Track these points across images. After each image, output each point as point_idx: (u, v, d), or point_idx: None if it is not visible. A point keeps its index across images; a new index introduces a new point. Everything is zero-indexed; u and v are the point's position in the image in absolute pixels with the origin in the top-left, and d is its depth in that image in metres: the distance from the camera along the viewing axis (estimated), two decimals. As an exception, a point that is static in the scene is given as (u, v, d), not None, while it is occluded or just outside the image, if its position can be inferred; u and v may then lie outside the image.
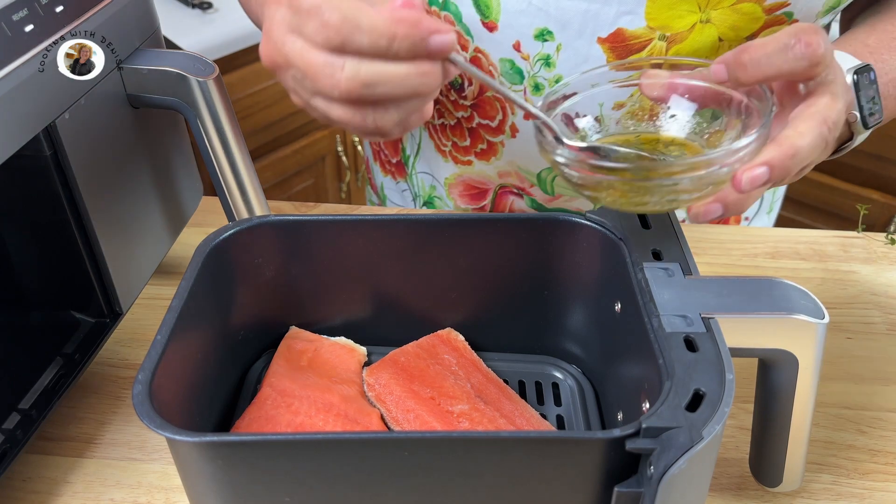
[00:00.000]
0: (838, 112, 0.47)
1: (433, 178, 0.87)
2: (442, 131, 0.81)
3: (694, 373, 0.44)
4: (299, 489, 0.44)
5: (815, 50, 0.44)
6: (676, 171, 0.44)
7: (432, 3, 0.72)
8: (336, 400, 0.56)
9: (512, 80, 0.72)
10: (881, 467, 0.59)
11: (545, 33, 0.68)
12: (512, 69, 0.71)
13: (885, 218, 1.67)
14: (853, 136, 0.61)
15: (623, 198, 0.46)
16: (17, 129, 0.50)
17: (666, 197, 0.46)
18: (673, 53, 0.68)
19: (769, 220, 0.93)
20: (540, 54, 0.69)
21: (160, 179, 0.67)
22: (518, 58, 0.70)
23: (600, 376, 0.60)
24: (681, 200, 0.46)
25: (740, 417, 0.61)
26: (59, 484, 0.57)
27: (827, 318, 0.47)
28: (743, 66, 0.46)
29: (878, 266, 0.78)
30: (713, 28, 0.67)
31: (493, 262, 0.60)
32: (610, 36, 0.67)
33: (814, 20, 0.69)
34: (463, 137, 0.78)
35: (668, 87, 0.51)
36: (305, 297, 0.62)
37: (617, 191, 0.46)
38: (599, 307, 0.57)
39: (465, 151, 0.80)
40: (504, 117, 0.74)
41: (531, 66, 0.70)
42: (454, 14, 0.71)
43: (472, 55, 0.72)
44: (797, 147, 0.45)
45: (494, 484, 0.44)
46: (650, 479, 0.41)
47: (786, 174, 0.45)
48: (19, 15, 0.50)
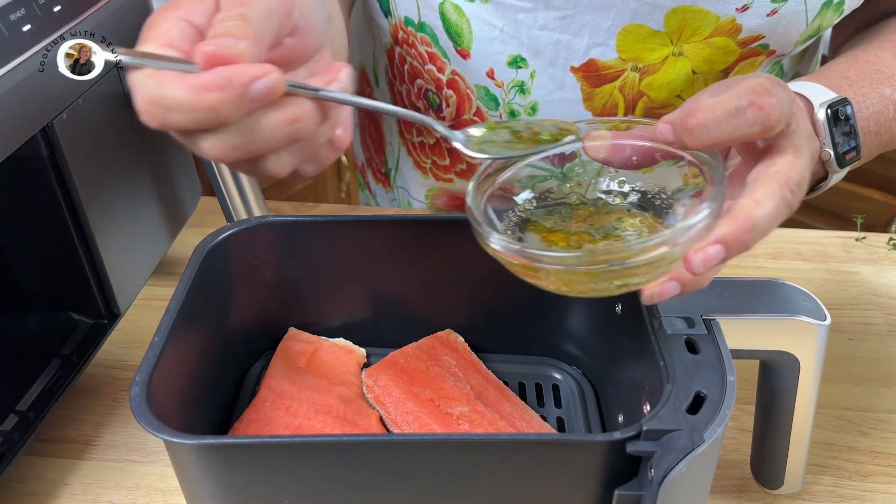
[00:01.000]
0: (801, 170, 0.42)
1: (409, 194, 0.86)
2: (421, 149, 0.80)
3: (695, 375, 0.43)
4: (298, 491, 0.44)
5: (767, 114, 0.40)
6: (624, 256, 0.40)
7: (408, 23, 0.71)
8: (335, 402, 0.56)
9: (488, 105, 0.71)
10: (883, 469, 0.59)
11: (518, 60, 0.67)
12: (487, 95, 0.70)
13: (886, 218, 1.66)
14: (828, 175, 0.57)
15: (566, 287, 0.42)
16: (14, 130, 0.50)
17: (614, 282, 0.41)
18: (646, 84, 0.67)
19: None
20: (514, 81, 0.68)
21: (158, 180, 0.66)
22: (492, 85, 0.70)
23: (601, 378, 0.60)
24: (631, 284, 0.42)
25: (741, 419, 0.61)
26: (56, 486, 0.57)
27: (828, 319, 0.47)
28: (690, 132, 0.41)
29: (880, 267, 0.78)
30: (686, 61, 0.66)
31: (493, 262, 0.59)
32: (582, 66, 0.66)
33: (791, 49, 0.68)
34: (442, 157, 0.78)
35: (612, 148, 0.47)
36: (304, 298, 0.62)
37: (559, 279, 0.42)
38: (600, 308, 0.57)
39: (445, 170, 0.79)
40: None
41: (505, 94, 0.69)
42: (430, 36, 0.70)
43: (450, 77, 0.71)
44: (754, 220, 0.40)
45: (494, 486, 0.44)
46: (651, 481, 0.40)
47: (743, 248, 0.40)
48: (17, 14, 0.50)
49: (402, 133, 0.82)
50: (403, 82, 0.76)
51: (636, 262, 0.40)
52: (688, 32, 0.63)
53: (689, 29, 0.63)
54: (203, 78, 0.35)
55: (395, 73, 0.77)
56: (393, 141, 0.84)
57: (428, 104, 0.75)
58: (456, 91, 0.72)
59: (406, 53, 0.74)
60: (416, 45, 0.72)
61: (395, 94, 0.79)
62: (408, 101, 0.77)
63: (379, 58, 0.80)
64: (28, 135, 0.51)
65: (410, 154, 0.82)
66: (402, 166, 0.85)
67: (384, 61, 0.79)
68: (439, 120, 0.72)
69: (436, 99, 0.74)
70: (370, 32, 0.80)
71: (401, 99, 0.79)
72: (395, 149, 0.85)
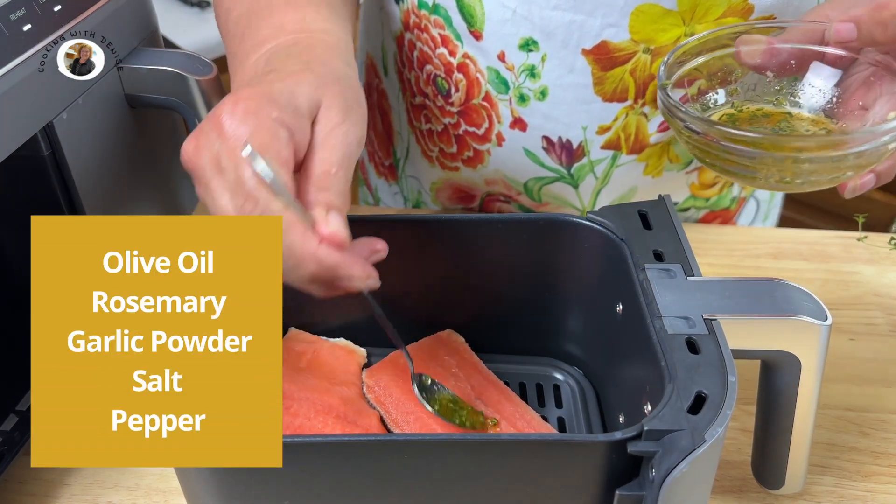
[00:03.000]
0: None
1: (419, 182, 0.87)
2: (429, 137, 0.80)
3: (696, 375, 0.43)
4: (298, 491, 0.44)
5: None
6: (864, 138, 0.43)
7: (422, 6, 0.71)
8: (335, 402, 0.56)
9: (498, 89, 0.71)
10: (884, 469, 0.59)
11: (530, 43, 0.68)
12: (497, 79, 0.71)
13: (888, 218, 1.66)
14: None
15: (789, 173, 0.45)
16: (14, 129, 0.50)
17: (826, 176, 0.45)
18: (657, 67, 0.68)
19: (765, 227, 0.92)
20: (525, 65, 0.69)
21: (158, 180, 0.66)
22: (503, 68, 0.70)
23: (602, 378, 0.60)
24: (842, 178, 0.46)
25: (742, 420, 0.61)
26: (56, 486, 0.57)
27: (830, 319, 0.47)
28: (883, 24, 0.44)
29: (881, 267, 0.78)
30: None
31: (493, 262, 0.59)
32: (594, 48, 0.66)
33: None
34: (450, 144, 0.78)
35: (768, 52, 0.49)
36: (304, 299, 0.61)
37: (783, 166, 0.45)
38: (601, 308, 0.57)
39: (451, 158, 0.80)
40: (490, 125, 0.74)
41: (516, 77, 0.70)
42: (444, 18, 0.70)
43: (461, 60, 0.72)
44: None
45: (495, 487, 0.44)
46: (652, 482, 0.40)
47: None
48: (17, 14, 0.50)
49: (410, 122, 0.82)
50: (412, 69, 0.77)
51: (866, 148, 0.43)
52: (700, 12, 0.63)
53: (701, 8, 0.63)
54: (321, 253, 0.43)
55: (405, 60, 0.78)
56: (402, 130, 0.84)
57: (437, 90, 0.76)
58: (466, 75, 0.72)
59: (416, 39, 0.74)
60: (428, 28, 0.72)
61: (403, 81, 0.80)
62: (416, 88, 0.78)
63: (388, 47, 0.80)
64: (28, 134, 0.51)
65: (419, 143, 0.82)
66: (413, 154, 0.85)
67: (393, 49, 0.80)
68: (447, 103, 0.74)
69: (444, 84, 0.74)
70: (379, 21, 0.81)
71: (409, 86, 0.79)
72: (405, 137, 0.85)
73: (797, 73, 0.49)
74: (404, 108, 0.82)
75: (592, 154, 0.72)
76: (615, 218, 0.55)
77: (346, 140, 0.46)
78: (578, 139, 0.72)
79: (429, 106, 0.78)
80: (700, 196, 0.81)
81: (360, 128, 0.47)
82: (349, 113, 0.46)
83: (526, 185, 0.77)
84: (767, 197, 0.89)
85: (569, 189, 0.76)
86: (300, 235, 0.43)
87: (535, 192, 0.78)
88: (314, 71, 0.47)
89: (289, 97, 0.45)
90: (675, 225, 0.55)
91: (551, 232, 0.57)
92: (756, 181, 0.46)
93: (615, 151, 0.73)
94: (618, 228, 0.55)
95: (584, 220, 0.56)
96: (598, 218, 0.56)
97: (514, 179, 0.77)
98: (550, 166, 0.74)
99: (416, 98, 0.79)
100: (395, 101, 0.83)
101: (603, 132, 0.71)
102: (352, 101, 0.47)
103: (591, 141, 0.72)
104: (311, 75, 0.47)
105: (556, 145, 0.72)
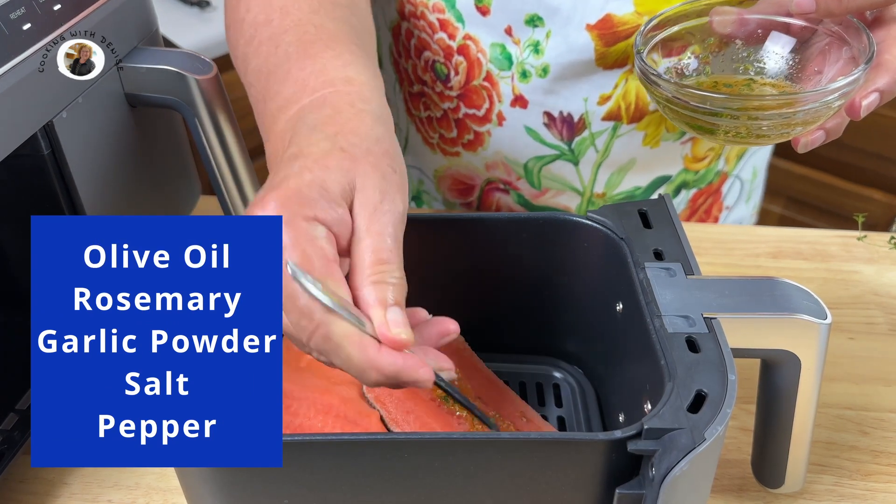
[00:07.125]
0: None
1: (421, 171, 0.87)
2: (429, 124, 0.81)
3: (696, 374, 0.43)
4: (298, 491, 0.44)
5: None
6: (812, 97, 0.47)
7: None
8: (335, 401, 0.56)
9: (500, 66, 0.72)
10: (883, 468, 0.59)
11: (535, 19, 0.69)
12: (502, 54, 0.72)
13: (887, 218, 1.66)
14: None
15: (743, 128, 0.49)
16: (14, 128, 0.50)
17: (779, 130, 0.49)
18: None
19: (748, 208, 0.93)
20: (530, 40, 0.70)
21: (158, 179, 0.66)
22: (509, 42, 0.71)
23: (601, 377, 0.60)
24: (792, 133, 0.50)
25: (742, 418, 0.61)
26: (56, 485, 0.57)
27: (829, 318, 0.47)
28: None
29: (881, 266, 0.78)
30: None
31: (493, 262, 0.59)
32: (598, 22, 0.68)
33: None
34: (450, 129, 0.79)
35: (738, 22, 0.53)
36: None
37: (739, 123, 0.48)
38: (601, 307, 0.57)
39: (452, 143, 0.80)
40: (491, 105, 0.75)
41: (521, 52, 0.71)
42: (446, 0, 0.71)
43: (461, 42, 0.72)
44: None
45: (495, 486, 0.44)
46: (652, 480, 0.40)
47: (891, 96, 0.49)
48: (17, 13, 0.50)
49: (409, 111, 0.83)
50: (409, 58, 0.78)
51: (814, 106, 0.47)
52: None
53: None
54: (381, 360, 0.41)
55: (401, 50, 0.79)
56: (400, 121, 0.85)
57: (435, 76, 0.76)
58: (466, 56, 0.73)
59: (413, 27, 0.75)
60: (425, 14, 0.73)
61: (400, 71, 0.81)
62: (414, 77, 0.79)
63: (383, 38, 0.81)
64: (28, 133, 0.51)
65: (419, 131, 0.83)
66: (413, 143, 0.86)
67: (388, 41, 0.81)
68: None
69: (443, 69, 0.75)
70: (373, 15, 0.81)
71: (406, 76, 0.80)
72: (404, 128, 0.85)
73: (762, 42, 0.54)
74: (401, 99, 0.83)
75: (594, 126, 0.73)
76: (615, 217, 0.55)
77: (391, 220, 0.43)
78: (580, 112, 0.73)
79: (427, 93, 0.78)
80: (691, 169, 0.82)
81: (401, 196, 0.44)
82: (388, 186, 0.44)
83: (526, 165, 0.78)
84: (749, 177, 0.90)
85: (569, 167, 0.77)
86: (357, 347, 0.41)
87: (534, 173, 0.78)
88: (342, 147, 0.44)
89: (319, 190, 0.42)
90: (675, 224, 0.55)
91: (551, 231, 0.57)
92: (716, 136, 0.51)
93: (615, 122, 0.74)
94: (617, 227, 0.55)
95: (584, 220, 0.56)
96: (598, 217, 0.56)
97: (514, 161, 0.78)
98: (551, 143, 0.75)
99: (413, 87, 0.79)
100: (391, 93, 0.84)
101: (604, 101, 0.72)
102: (387, 171, 0.44)
103: (592, 112, 0.73)
104: (339, 155, 0.43)
105: (558, 120, 0.73)
